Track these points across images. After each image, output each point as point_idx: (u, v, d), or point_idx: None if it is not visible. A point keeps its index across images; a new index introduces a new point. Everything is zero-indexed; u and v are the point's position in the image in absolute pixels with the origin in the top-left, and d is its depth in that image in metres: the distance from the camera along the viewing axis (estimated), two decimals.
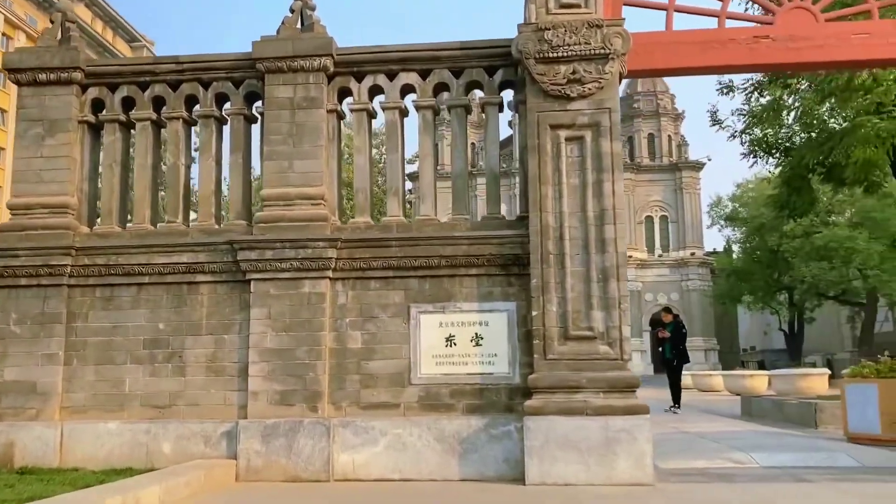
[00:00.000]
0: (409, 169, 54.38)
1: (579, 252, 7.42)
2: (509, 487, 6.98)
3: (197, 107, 8.68)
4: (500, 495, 6.62)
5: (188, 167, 8.76)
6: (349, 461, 7.48)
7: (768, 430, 12.21)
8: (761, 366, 58.46)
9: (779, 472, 7.69)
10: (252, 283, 7.87)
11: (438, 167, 48.46)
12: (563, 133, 7.58)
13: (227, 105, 8.64)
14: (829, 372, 26.92)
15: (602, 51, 7.54)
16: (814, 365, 50.74)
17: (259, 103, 8.51)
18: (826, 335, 66.05)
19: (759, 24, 8.09)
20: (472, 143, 60.66)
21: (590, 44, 7.55)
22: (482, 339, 7.66)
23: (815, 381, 24.02)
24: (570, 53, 7.56)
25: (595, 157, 7.52)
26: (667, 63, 8.02)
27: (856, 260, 42.74)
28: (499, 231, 7.78)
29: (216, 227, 8.34)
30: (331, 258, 7.76)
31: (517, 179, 8.11)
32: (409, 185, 59.48)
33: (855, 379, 10.67)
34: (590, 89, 7.56)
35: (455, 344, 7.67)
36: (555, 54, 7.57)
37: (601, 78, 7.55)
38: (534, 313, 7.36)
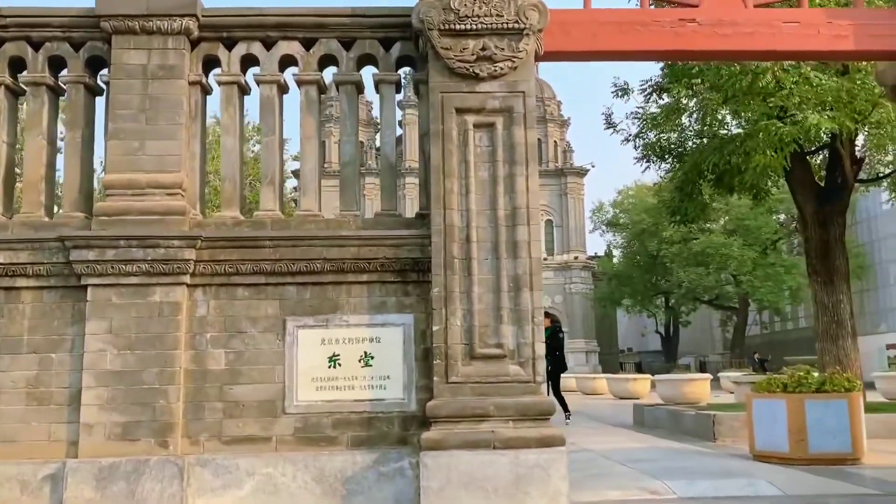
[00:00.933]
0: (294, 166, 52.31)
1: (488, 256, 6.38)
2: None
3: (24, 72, 7.05)
4: None
5: (12, 146, 7.12)
6: None
7: (669, 445, 11.62)
8: (639, 367, 60.06)
9: None
10: (89, 289, 6.38)
11: (325, 165, 46.15)
12: (470, 118, 6.51)
13: (64, 72, 7.07)
14: (711, 377, 27.45)
15: (516, 25, 6.52)
16: (688, 366, 52.40)
17: (105, 71, 7.00)
18: (699, 337, 68.69)
19: (684, 6, 7.29)
20: (361, 142, 59.29)
21: (502, 16, 6.52)
22: (372, 358, 6.48)
23: (699, 385, 24.19)
24: (479, 26, 6.51)
25: (507, 148, 6.49)
26: (585, 45, 7.09)
27: (730, 266, 44.27)
28: (395, 231, 6.62)
29: (45, 219, 6.77)
30: (188, 260, 6.38)
31: (405, 180, 6.98)
32: (292, 182, 57.34)
33: (762, 394, 10.16)
34: (502, 69, 6.53)
35: (340, 365, 6.46)
36: (462, 26, 6.49)
37: (515, 56, 6.54)
38: (434, 328, 6.25)
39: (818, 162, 17.84)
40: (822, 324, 15.13)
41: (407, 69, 7.40)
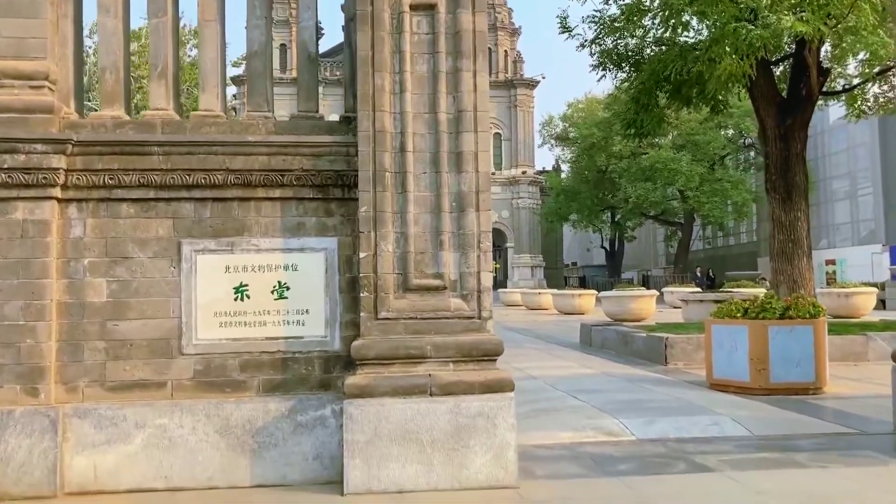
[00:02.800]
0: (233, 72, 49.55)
1: (427, 170, 5.31)
2: (321, 498, 4.96)
3: None
4: None
5: None
6: (89, 467, 5.13)
7: (621, 371, 11.01)
8: (582, 282, 60.43)
9: (662, 449, 6.18)
10: None
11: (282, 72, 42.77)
12: None
13: None
14: (657, 293, 27.20)
15: None
16: (631, 281, 52.78)
17: None
18: (642, 252, 69.30)
19: None
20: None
21: None
22: (288, 289, 5.44)
23: (645, 302, 23.89)
24: None
25: (451, 36, 5.34)
26: None
27: (678, 181, 43.98)
28: (315, 137, 5.48)
29: None
30: (57, 169, 5.17)
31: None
32: (231, 90, 54.27)
33: (722, 320, 9.49)
34: None
35: (248, 297, 5.40)
36: None
37: None
38: (362, 255, 5.22)
39: (780, 73, 17.03)
40: (777, 242, 14.57)
41: None
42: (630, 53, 17.26)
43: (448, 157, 5.30)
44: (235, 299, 5.39)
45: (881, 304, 27.57)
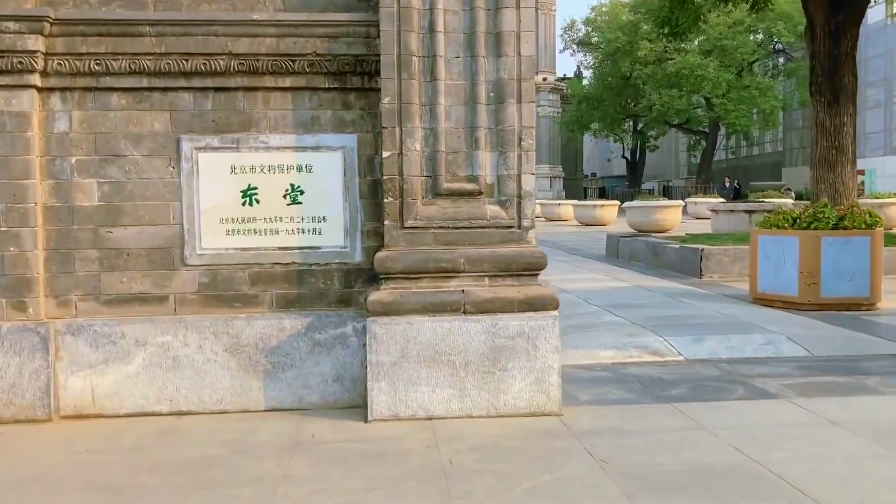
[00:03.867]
0: None
1: (460, 54, 4.58)
2: (343, 424, 4.46)
3: None
4: (326, 443, 4.08)
5: None
6: (86, 388, 4.65)
7: (656, 283, 10.44)
8: (602, 192, 59.39)
9: (715, 371, 5.63)
10: None
11: None
12: None
13: None
14: (683, 203, 26.40)
15: None
16: (651, 191, 51.77)
17: None
18: (664, 163, 68.01)
19: None
20: None
21: None
22: (302, 193, 4.80)
23: (671, 213, 23.16)
24: None
25: None
26: None
27: (705, 88, 42.45)
28: (330, 15, 4.72)
29: None
30: (35, 52, 4.48)
31: None
32: None
33: (770, 230, 8.81)
34: None
35: (258, 201, 4.78)
36: None
37: None
38: (385, 155, 4.55)
39: None
40: (819, 149, 13.67)
41: None
42: None
43: (485, 39, 4.55)
44: (243, 204, 4.77)
45: None
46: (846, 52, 13.48)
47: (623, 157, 60.81)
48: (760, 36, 45.67)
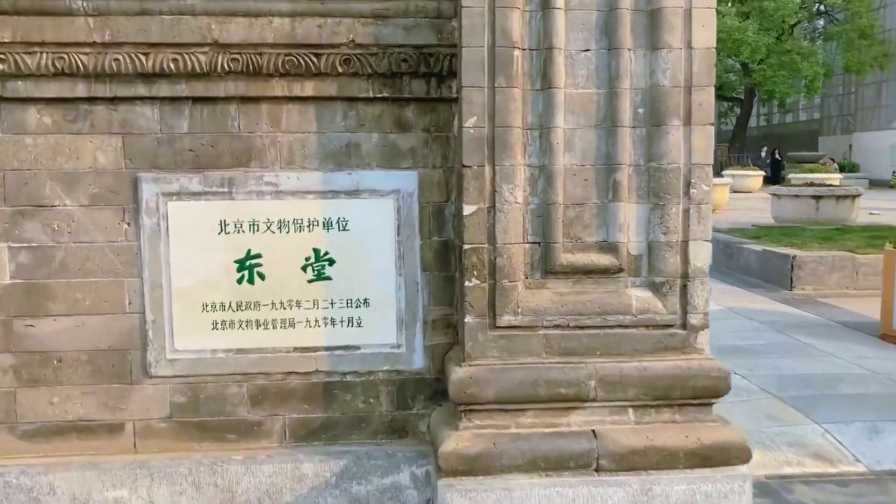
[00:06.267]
0: None
1: (591, 45, 2.79)
2: None
3: None
4: None
5: None
6: None
7: (740, 300, 8.70)
8: None
9: None
10: None
11: None
12: None
13: None
14: (730, 181, 24.47)
15: None
16: None
17: None
18: None
19: None
20: None
21: None
22: (332, 263, 3.06)
23: (719, 192, 21.05)
24: None
25: None
26: None
27: (743, 53, 40.13)
28: None
29: None
30: None
31: None
32: None
33: None
34: None
35: (262, 277, 3.04)
36: None
37: None
38: (467, 209, 2.80)
39: None
40: None
41: None
42: None
43: (632, 20, 2.76)
44: (240, 281, 3.04)
45: None
46: None
47: None
48: None
